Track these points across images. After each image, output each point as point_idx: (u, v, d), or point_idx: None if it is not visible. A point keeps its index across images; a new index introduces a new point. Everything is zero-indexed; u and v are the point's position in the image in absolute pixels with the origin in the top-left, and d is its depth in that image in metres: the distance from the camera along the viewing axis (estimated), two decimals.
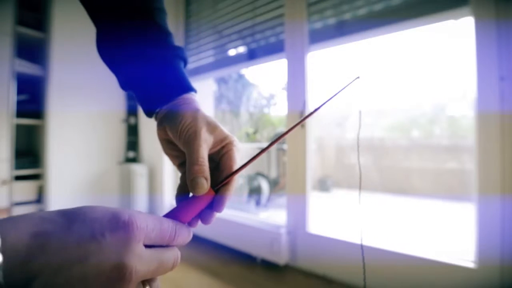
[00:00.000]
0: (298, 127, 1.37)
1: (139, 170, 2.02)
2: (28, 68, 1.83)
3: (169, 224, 0.23)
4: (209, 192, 0.25)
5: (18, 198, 1.74)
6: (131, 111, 2.27)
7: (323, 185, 3.39)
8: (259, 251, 1.43)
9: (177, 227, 0.23)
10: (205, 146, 0.28)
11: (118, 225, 0.19)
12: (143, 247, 0.20)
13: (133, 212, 0.20)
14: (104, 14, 0.35)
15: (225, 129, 0.31)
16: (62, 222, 0.18)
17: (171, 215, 0.24)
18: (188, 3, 2.01)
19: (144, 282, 0.22)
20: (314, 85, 1.40)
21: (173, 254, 0.23)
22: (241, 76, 3.33)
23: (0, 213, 1.58)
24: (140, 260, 0.19)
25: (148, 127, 2.22)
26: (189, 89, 0.33)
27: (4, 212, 1.61)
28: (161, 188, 2.07)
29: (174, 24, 2.01)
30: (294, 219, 1.39)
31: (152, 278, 0.23)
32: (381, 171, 3.19)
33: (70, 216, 0.19)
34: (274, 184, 2.39)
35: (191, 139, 0.28)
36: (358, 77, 0.36)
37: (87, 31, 2.08)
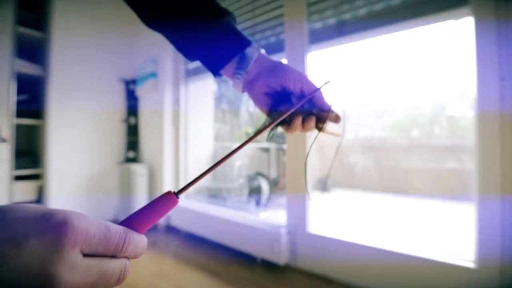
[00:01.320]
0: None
1: (139, 170, 2.02)
2: (28, 68, 1.83)
3: (117, 230, 0.20)
4: (172, 198, 0.23)
5: (18, 198, 1.74)
6: (131, 111, 2.27)
7: (323, 185, 3.39)
8: (259, 251, 1.43)
9: (128, 235, 0.20)
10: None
11: (48, 226, 0.16)
12: (80, 255, 0.18)
13: (72, 213, 0.18)
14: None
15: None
16: None
17: (126, 222, 0.22)
18: None
19: None
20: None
21: (119, 264, 0.20)
22: None
23: None
24: (73, 269, 0.17)
25: (148, 127, 2.22)
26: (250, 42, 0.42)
27: None
28: (161, 188, 2.07)
29: None
30: (294, 219, 1.39)
31: None
32: (381, 171, 3.19)
33: None
34: (274, 184, 2.38)
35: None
36: (328, 82, 0.39)
37: (87, 31, 2.08)
